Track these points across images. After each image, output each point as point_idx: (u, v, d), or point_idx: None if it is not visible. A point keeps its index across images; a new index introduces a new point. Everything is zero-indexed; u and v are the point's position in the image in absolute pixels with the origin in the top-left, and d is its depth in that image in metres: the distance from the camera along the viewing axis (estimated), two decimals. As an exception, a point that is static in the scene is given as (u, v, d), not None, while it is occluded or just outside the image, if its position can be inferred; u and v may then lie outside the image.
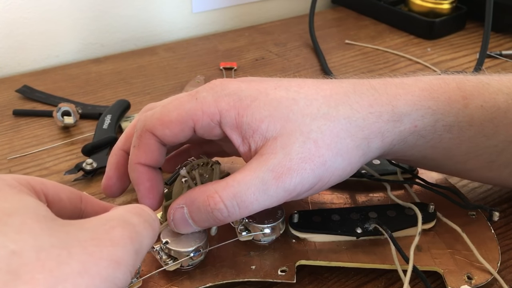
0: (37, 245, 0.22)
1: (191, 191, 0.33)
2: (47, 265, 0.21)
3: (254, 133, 0.33)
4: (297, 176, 0.32)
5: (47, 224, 0.23)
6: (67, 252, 0.22)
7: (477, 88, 0.36)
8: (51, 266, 0.21)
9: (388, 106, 0.34)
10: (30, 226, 0.22)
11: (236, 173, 0.32)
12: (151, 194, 0.35)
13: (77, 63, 0.70)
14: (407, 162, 0.42)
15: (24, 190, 0.25)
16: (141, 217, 0.27)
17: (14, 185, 0.25)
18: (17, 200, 0.24)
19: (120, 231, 0.24)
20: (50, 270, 0.21)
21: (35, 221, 0.23)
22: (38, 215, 0.23)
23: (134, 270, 0.25)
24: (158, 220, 0.29)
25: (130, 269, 0.24)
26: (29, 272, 0.21)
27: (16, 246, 0.21)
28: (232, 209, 0.31)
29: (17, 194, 0.24)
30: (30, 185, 0.26)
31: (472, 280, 0.35)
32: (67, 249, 0.22)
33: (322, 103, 0.34)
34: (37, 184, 0.27)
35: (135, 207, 0.28)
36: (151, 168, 0.35)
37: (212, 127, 0.33)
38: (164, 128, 0.33)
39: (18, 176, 0.26)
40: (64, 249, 0.22)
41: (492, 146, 0.37)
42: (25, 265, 0.21)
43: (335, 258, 0.36)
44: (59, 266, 0.21)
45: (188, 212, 0.33)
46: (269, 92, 0.34)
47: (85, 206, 0.31)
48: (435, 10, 0.77)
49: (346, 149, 0.33)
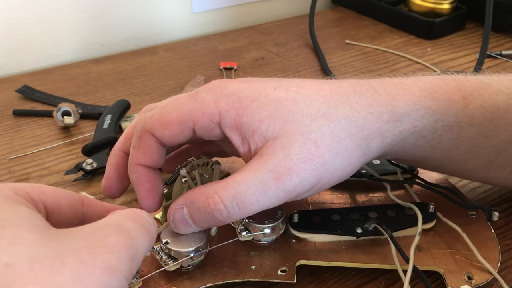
0: (31, 256, 0.22)
1: (191, 192, 0.33)
2: (40, 276, 0.21)
3: (254, 134, 0.33)
4: (297, 177, 0.32)
5: (41, 235, 0.23)
6: (60, 262, 0.22)
7: (477, 88, 0.36)
8: (44, 277, 0.21)
9: (388, 106, 0.34)
10: (24, 237, 0.22)
11: (236, 174, 0.32)
12: (151, 195, 0.35)
13: (77, 63, 0.70)
14: (407, 162, 0.42)
15: (19, 200, 0.25)
16: (137, 222, 0.27)
17: (9, 195, 0.25)
18: (11, 211, 0.24)
19: (114, 237, 0.24)
20: (43, 281, 0.21)
21: (29, 232, 0.23)
22: (33, 226, 0.23)
23: (131, 276, 0.25)
24: (155, 224, 0.29)
25: (126, 275, 0.24)
26: (22, 284, 0.21)
27: (10, 258, 0.21)
28: (232, 209, 0.31)
29: (12, 206, 0.24)
30: (28, 194, 0.26)
31: (472, 280, 0.35)
32: (60, 259, 0.22)
33: (322, 104, 0.34)
34: (35, 192, 0.27)
35: (131, 211, 0.28)
36: (150, 169, 0.35)
37: (211, 127, 0.33)
38: (163, 129, 0.33)
39: (15, 186, 0.27)
40: (58, 259, 0.22)
41: (492, 146, 0.37)
42: (18, 278, 0.21)
43: (335, 258, 0.36)
44: (52, 277, 0.21)
45: (188, 213, 0.33)
46: (268, 92, 0.34)
47: (87, 210, 0.31)
48: (435, 10, 0.77)
49: (346, 149, 0.33)
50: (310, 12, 0.77)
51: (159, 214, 0.40)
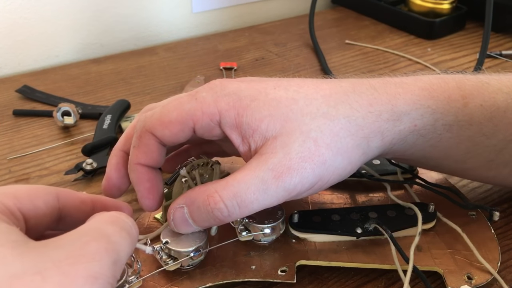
0: (10, 274, 0.21)
1: (191, 191, 0.33)
2: None
3: (254, 133, 0.33)
4: (297, 176, 0.32)
5: (19, 249, 0.23)
6: (41, 277, 0.22)
7: (476, 87, 0.36)
8: None
9: (387, 105, 0.34)
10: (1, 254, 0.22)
11: (236, 173, 0.32)
12: (151, 194, 0.35)
13: (77, 63, 0.70)
14: (406, 162, 0.42)
15: None
16: (116, 225, 0.26)
17: None
18: None
19: (95, 245, 0.24)
20: None
21: (6, 248, 0.22)
22: (9, 241, 0.23)
23: (115, 280, 0.24)
24: (135, 226, 0.28)
25: (110, 281, 0.23)
26: None
27: None
28: (232, 208, 0.31)
29: None
30: (2, 204, 0.26)
31: (472, 280, 0.35)
32: (40, 273, 0.22)
33: (322, 103, 0.34)
34: (9, 200, 0.27)
35: (110, 216, 0.27)
36: (151, 169, 0.35)
37: (211, 127, 0.33)
38: (163, 128, 0.33)
39: None
40: (38, 274, 0.22)
41: (492, 145, 0.37)
42: None
43: (335, 258, 0.36)
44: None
45: (188, 212, 0.33)
46: (268, 92, 0.34)
47: (64, 204, 0.30)
48: (435, 10, 0.77)
49: (346, 148, 0.33)
50: (310, 12, 0.77)
51: (159, 214, 0.40)
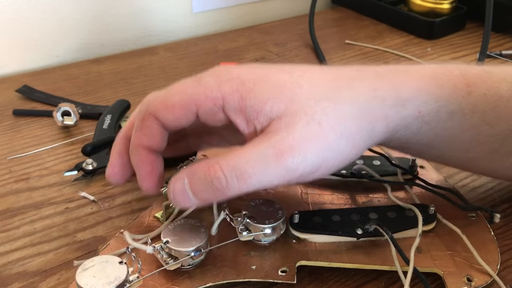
0: None
1: (194, 164, 0.33)
2: None
3: (258, 115, 0.33)
4: (299, 155, 0.31)
5: None
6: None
7: (480, 76, 0.37)
8: None
9: (392, 91, 0.34)
10: None
11: (239, 147, 0.32)
12: (151, 177, 0.35)
13: (77, 63, 0.70)
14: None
15: None
16: None
17: None
18: None
19: None
20: None
21: None
22: None
23: None
24: None
25: None
26: None
27: None
28: (231, 179, 0.31)
29: None
30: None
31: (472, 282, 0.35)
32: None
33: (326, 87, 0.34)
34: None
35: None
36: (152, 152, 0.35)
37: (215, 112, 0.33)
38: (167, 112, 0.33)
39: None
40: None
41: (495, 135, 0.36)
42: None
43: (336, 259, 0.36)
44: None
45: (188, 183, 0.32)
46: (272, 76, 0.34)
47: None
48: (435, 10, 0.77)
49: (350, 131, 0.33)
50: (310, 12, 0.77)
51: (159, 213, 0.40)
